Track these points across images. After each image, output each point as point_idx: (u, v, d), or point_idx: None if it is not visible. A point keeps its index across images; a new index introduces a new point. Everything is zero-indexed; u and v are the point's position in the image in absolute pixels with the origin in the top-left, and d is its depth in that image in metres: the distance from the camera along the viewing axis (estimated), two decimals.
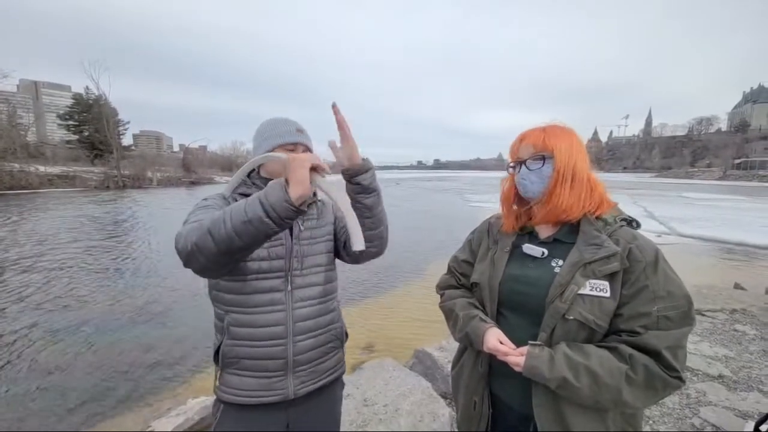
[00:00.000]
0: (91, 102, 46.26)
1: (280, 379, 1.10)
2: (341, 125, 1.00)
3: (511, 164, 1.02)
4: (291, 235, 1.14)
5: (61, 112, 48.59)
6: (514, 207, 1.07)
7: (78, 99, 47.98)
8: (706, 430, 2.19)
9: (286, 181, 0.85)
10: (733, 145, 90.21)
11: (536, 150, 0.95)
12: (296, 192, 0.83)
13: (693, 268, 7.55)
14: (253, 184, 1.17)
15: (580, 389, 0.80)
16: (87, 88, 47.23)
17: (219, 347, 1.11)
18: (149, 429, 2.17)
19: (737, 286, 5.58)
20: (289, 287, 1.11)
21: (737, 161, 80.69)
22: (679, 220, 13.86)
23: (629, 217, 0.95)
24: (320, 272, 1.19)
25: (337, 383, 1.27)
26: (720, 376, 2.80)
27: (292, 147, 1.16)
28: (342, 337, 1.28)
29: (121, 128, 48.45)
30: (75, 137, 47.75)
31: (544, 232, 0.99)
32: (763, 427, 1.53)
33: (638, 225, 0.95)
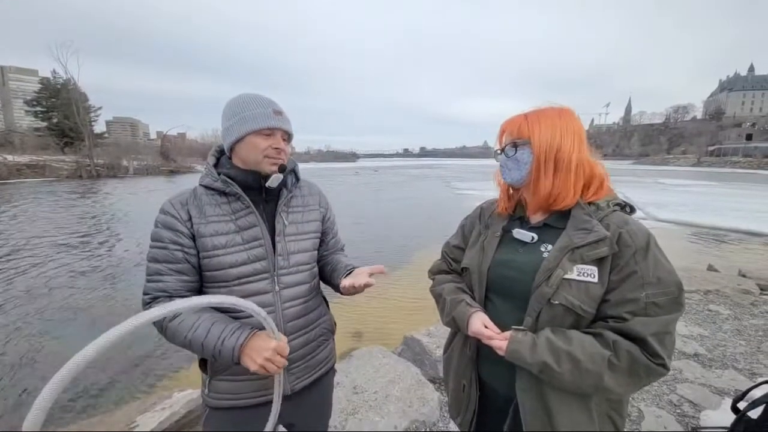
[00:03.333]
0: (59, 87, 43.95)
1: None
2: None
3: (497, 151, 1.00)
4: (273, 233, 1.06)
5: (29, 97, 45.93)
6: (510, 191, 1.05)
7: (45, 84, 45.45)
8: (683, 406, 2.28)
9: (240, 353, 0.90)
10: (707, 133, 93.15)
11: (513, 137, 0.95)
12: (246, 363, 0.90)
13: (669, 251, 7.58)
14: (219, 175, 1.03)
15: (561, 374, 0.80)
16: (54, 71, 44.86)
17: None
18: (134, 425, 2.11)
19: (710, 268, 5.82)
20: (277, 287, 1.05)
21: (711, 148, 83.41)
22: (655, 206, 14.31)
23: (623, 201, 0.93)
24: (306, 270, 1.13)
25: (329, 373, 1.25)
26: (695, 355, 2.92)
27: (269, 132, 1.01)
28: (332, 328, 1.26)
29: (92, 114, 46.25)
30: (44, 124, 45.39)
31: (535, 217, 0.98)
32: (740, 405, 1.60)
33: (632, 210, 0.93)
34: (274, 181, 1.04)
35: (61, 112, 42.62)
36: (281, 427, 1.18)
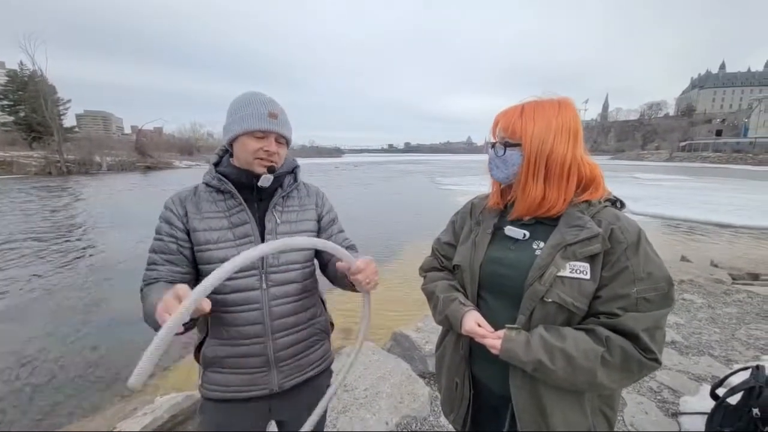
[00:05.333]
0: (26, 79, 41.70)
1: (263, 375, 1.08)
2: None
3: (491, 143, 0.98)
4: (263, 230, 1.08)
5: None
6: (503, 185, 1.03)
7: (12, 76, 43.01)
8: (663, 393, 2.36)
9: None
10: (679, 129, 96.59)
11: (505, 135, 0.92)
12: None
13: None
14: (216, 173, 1.07)
15: (555, 371, 0.80)
16: (21, 63, 42.53)
17: (200, 346, 1.08)
18: (116, 431, 2.03)
19: (684, 259, 6.06)
20: (264, 285, 1.06)
21: (683, 144, 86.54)
22: (631, 199, 14.69)
23: (614, 197, 0.93)
24: (298, 269, 1.13)
25: (324, 374, 1.24)
26: (672, 342, 3.02)
27: (262, 135, 1.02)
28: (327, 329, 1.25)
29: (61, 107, 44.04)
30: (10, 119, 42.99)
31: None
32: (719, 391, 1.66)
33: (623, 205, 0.94)
34: (264, 181, 1.06)
35: (29, 106, 40.46)
36: (273, 426, 1.20)
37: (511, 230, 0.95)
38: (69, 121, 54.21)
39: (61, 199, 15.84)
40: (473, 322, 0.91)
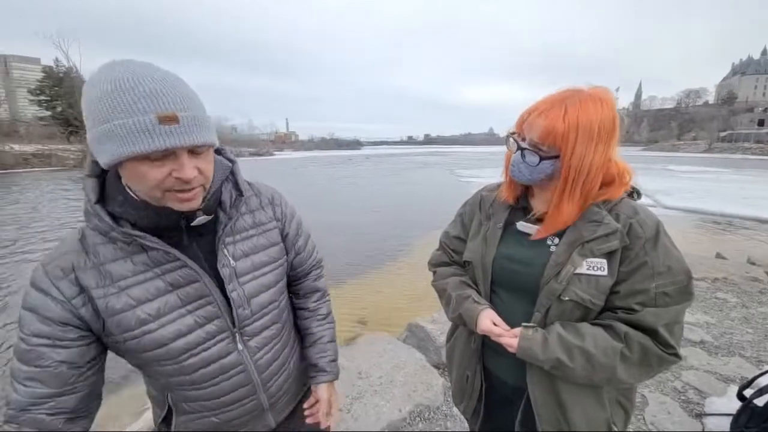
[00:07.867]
0: (61, 75, 43.94)
1: (259, 420, 0.92)
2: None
3: (513, 136, 0.87)
4: (221, 282, 0.78)
5: (32, 86, 45.98)
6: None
7: (48, 72, 45.45)
8: (688, 393, 2.28)
9: None
10: (719, 118, 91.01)
11: (540, 140, 0.80)
12: None
13: (675, 239, 7.64)
14: (112, 217, 0.66)
15: (574, 369, 0.79)
16: (57, 60, 44.81)
17: (165, 420, 0.85)
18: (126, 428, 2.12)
19: (719, 256, 5.75)
20: (240, 345, 0.81)
21: (723, 134, 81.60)
22: (663, 193, 14.14)
23: (631, 187, 0.89)
24: (275, 309, 0.89)
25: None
26: (701, 342, 2.90)
27: (160, 156, 0.59)
28: None
29: None
30: (48, 113, 45.55)
31: (540, 207, 0.92)
32: (747, 392, 1.59)
33: (639, 195, 0.90)
34: (199, 221, 0.73)
35: (65, 101, 42.72)
36: None
37: (523, 226, 0.92)
38: None
39: None
40: (489, 322, 0.89)
